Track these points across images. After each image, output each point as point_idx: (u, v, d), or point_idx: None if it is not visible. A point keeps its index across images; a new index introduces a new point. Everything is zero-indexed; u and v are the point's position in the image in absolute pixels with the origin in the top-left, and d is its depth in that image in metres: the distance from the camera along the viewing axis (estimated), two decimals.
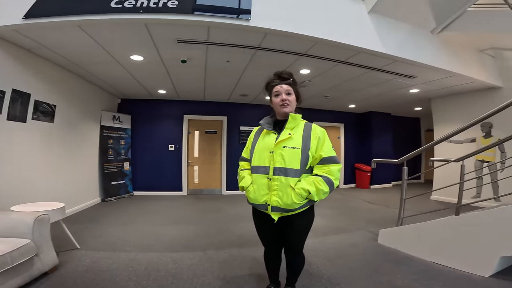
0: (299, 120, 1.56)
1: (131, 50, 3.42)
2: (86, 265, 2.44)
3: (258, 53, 3.49)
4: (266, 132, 1.60)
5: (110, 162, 5.64)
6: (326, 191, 1.44)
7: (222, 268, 2.42)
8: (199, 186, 6.74)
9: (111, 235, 3.30)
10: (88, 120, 5.02)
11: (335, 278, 2.22)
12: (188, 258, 2.64)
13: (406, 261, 2.55)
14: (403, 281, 2.13)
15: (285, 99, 1.54)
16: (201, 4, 2.67)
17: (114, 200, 5.51)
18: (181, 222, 4.00)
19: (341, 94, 5.77)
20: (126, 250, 2.84)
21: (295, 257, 1.71)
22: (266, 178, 1.49)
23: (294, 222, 1.53)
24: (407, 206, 3.13)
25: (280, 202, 1.44)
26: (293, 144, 1.48)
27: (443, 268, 2.36)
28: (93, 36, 2.95)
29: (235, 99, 6.48)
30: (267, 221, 1.53)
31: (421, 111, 7.79)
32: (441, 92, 5.30)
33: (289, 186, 1.43)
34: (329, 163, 1.48)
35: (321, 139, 1.50)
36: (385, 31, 3.36)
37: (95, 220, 4.01)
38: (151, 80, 4.84)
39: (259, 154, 1.57)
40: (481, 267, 2.21)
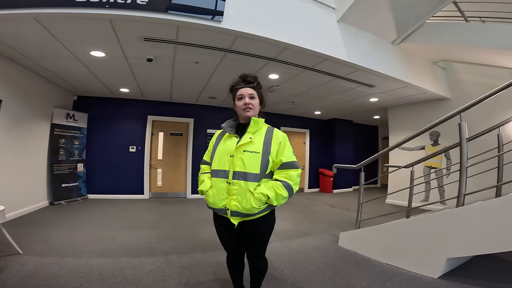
0: (261, 125, 1.56)
1: (92, 45, 3.21)
2: (30, 270, 2.27)
3: (228, 56, 3.48)
4: (228, 135, 1.57)
5: (61, 163, 5.18)
6: (285, 196, 1.44)
7: (185, 273, 2.35)
8: (163, 189, 6.48)
9: (59, 240, 3.08)
10: (37, 117, 4.58)
11: (299, 282, 2.26)
12: (147, 263, 2.53)
13: (364, 264, 2.65)
14: (362, 284, 2.22)
15: (248, 103, 1.52)
16: (176, 3, 2.58)
17: (65, 204, 5.07)
18: (141, 227, 3.80)
19: (307, 100, 5.97)
20: (76, 255, 2.66)
21: (257, 262, 1.70)
22: (226, 182, 1.46)
23: (255, 227, 1.52)
24: (364, 210, 3.32)
25: (240, 206, 1.42)
26: (254, 148, 1.47)
27: (397, 270, 2.48)
28: (50, 30, 2.73)
29: (203, 101, 6.38)
30: (228, 226, 1.50)
31: (379, 119, 8.35)
32: (397, 101, 5.74)
33: (249, 190, 1.42)
34: (289, 168, 1.49)
35: (282, 144, 1.51)
36: (351, 40, 3.54)
37: (41, 224, 3.71)
38: (113, 78, 4.57)
39: (219, 158, 1.53)
40: (430, 269, 2.33)
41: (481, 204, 2.09)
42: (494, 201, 2.05)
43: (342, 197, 7.22)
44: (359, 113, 7.36)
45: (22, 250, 2.62)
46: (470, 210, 2.13)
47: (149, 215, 4.55)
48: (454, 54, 4.68)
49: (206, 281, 2.24)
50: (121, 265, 2.47)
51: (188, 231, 3.64)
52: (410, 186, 3.22)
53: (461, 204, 2.21)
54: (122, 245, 3.00)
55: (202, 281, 2.24)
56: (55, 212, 4.45)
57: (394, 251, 2.63)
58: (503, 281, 2.18)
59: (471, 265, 2.51)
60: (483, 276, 2.28)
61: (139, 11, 2.44)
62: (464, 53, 4.47)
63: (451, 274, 2.33)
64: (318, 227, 4.07)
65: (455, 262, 2.43)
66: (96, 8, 2.39)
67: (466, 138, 2.28)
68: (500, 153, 2.51)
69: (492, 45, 3.61)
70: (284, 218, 4.57)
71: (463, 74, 4.97)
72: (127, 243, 3.07)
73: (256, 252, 1.65)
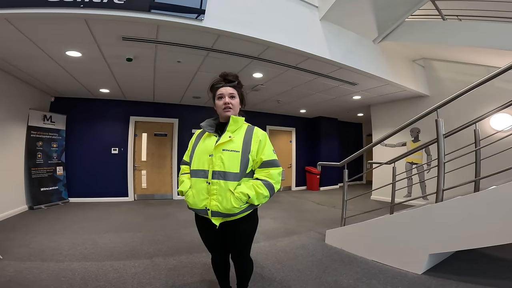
0: (241, 123, 1.54)
1: (67, 45, 3.08)
2: (9, 275, 2.23)
3: (211, 55, 3.44)
4: (207, 134, 1.55)
5: (39, 166, 5.00)
6: (266, 195, 1.43)
7: (171, 276, 2.32)
8: (148, 191, 6.35)
9: (39, 244, 3.02)
10: (12, 120, 4.38)
11: (286, 281, 2.25)
12: (132, 266, 2.50)
13: (350, 261, 2.67)
14: (348, 281, 2.24)
15: (228, 102, 1.50)
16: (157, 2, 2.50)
17: (45, 208, 4.91)
18: (125, 229, 3.72)
19: (292, 99, 6.00)
20: (58, 260, 2.62)
21: (242, 262, 1.68)
22: (205, 182, 1.44)
23: (237, 227, 1.50)
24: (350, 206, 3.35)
25: (220, 206, 1.39)
26: (233, 147, 1.44)
27: (382, 266, 2.49)
28: (22, 30, 2.61)
29: (187, 101, 6.28)
30: (210, 227, 1.48)
31: (363, 117, 8.50)
32: (379, 99, 5.86)
33: (229, 190, 1.39)
34: (270, 166, 1.48)
35: (262, 142, 1.49)
36: (334, 39, 3.57)
37: (20, 229, 3.62)
38: (92, 78, 4.41)
39: (198, 157, 1.51)
40: (414, 265, 2.34)
41: (459, 199, 2.10)
42: (473, 196, 2.06)
43: (328, 195, 7.31)
44: (343, 111, 7.47)
45: (1, 255, 2.58)
46: (448, 206, 2.15)
47: (133, 218, 4.45)
48: (432, 52, 4.82)
49: (193, 282, 2.22)
50: (105, 268, 2.43)
51: (174, 233, 3.59)
52: (392, 182, 3.27)
53: (440, 199, 2.24)
54: (105, 249, 2.94)
55: (189, 282, 2.21)
56: (35, 216, 4.33)
57: (379, 248, 2.65)
58: (486, 276, 2.21)
59: (455, 261, 2.54)
60: (467, 271, 2.31)
61: (116, 10, 2.36)
62: (442, 51, 4.60)
63: (435, 269, 2.36)
64: (305, 225, 4.09)
65: (438, 257, 2.45)
66: (70, 8, 2.29)
67: (443, 134, 2.34)
68: (477, 148, 2.60)
69: (468, 43, 3.73)
70: (271, 217, 4.57)
71: (441, 72, 5.12)
72: (110, 247, 3.01)
73: (240, 252, 1.64)
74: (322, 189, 8.24)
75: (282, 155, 8.15)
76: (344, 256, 2.80)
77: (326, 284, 2.20)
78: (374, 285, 2.15)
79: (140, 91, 5.39)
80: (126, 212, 4.90)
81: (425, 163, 5.34)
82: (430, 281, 2.16)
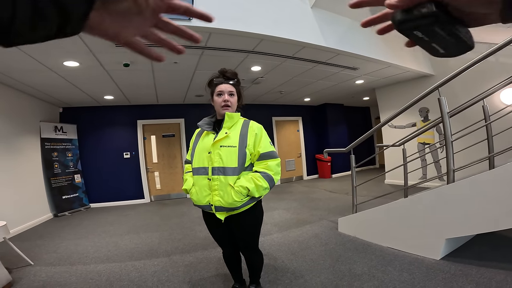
0: (236, 119, 1.56)
1: (63, 56, 3.13)
2: (43, 280, 2.38)
3: (206, 53, 3.43)
4: (206, 133, 1.59)
5: (58, 176, 5.22)
6: (265, 186, 1.45)
7: (188, 272, 2.41)
8: (163, 191, 6.52)
9: (66, 249, 3.19)
10: (25, 134, 4.57)
11: (299, 271, 2.27)
12: (152, 265, 2.61)
13: (364, 248, 2.63)
14: (362, 269, 2.21)
15: (227, 100, 1.53)
16: None
17: (68, 215, 5.16)
18: (144, 230, 3.86)
19: (294, 88, 5.93)
20: (85, 262, 2.76)
21: (250, 254, 1.72)
22: (207, 179, 1.48)
23: (241, 220, 1.54)
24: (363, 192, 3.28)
25: (222, 201, 1.44)
26: (230, 142, 1.48)
27: (398, 253, 2.43)
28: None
29: (191, 100, 6.33)
30: (216, 222, 1.53)
31: (369, 100, 8.31)
32: (383, 82, 5.71)
33: (229, 185, 1.43)
34: (267, 158, 1.51)
35: (258, 135, 1.51)
36: (327, 25, 3.48)
37: (47, 235, 3.83)
38: (94, 86, 4.50)
39: (198, 156, 1.55)
40: (431, 250, 2.24)
41: (472, 179, 1.97)
42: (487, 174, 1.92)
43: (341, 181, 7.24)
44: (348, 96, 7.32)
45: (33, 261, 2.75)
46: (461, 186, 2.03)
47: (151, 219, 4.60)
48: None
49: (209, 277, 2.29)
50: (127, 268, 2.56)
51: (189, 230, 3.69)
52: (403, 164, 3.21)
53: (451, 180, 2.15)
54: (126, 250, 3.09)
55: (205, 277, 2.29)
56: (60, 223, 4.57)
57: (393, 234, 2.57)
58: (508, 261, 2.08)
59: (474, 244, 2.43)
60: (487, 255, 2.19)
61: None
62: None
63: (454, 254, 2.26)
64: (318, 214, 4.08)
65: (457, 242, 2.34)
66: None
67: (447, 112, 2.27)
68: (487, 123, 2.50)
69: None
70: (283, 208, 4.60)
71: None
72: (131, 247, 3.16)
73: (247, 245, 1.68)
74: (334, 176, 8.18)
75: (291, 145, 8.11)
76: (357, 244, 2.76)
77: (340, 272, 2.19)
78: (390, 272, 2.11)
79: (143, 95, 5.47)
80: (144, 213, 5.07)
81: (437, 142, 5.17)
82: (449, 267, 2.07)
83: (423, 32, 0.36)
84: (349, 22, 3.74)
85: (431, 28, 0.35)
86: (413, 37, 0.38)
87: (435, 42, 0.37)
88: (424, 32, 0.36)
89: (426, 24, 0.35)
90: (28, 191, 4.46)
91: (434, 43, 0.38)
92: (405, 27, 0.37)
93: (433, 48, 0.39)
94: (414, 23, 0.35)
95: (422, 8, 0.34)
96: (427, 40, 0.37)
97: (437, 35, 0.36)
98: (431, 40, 0.37)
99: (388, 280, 1.99)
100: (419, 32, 0.36)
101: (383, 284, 1.95)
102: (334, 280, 2.08)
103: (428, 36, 0.36)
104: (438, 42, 0.37)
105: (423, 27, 0.35)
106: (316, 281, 2.09)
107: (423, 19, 0.34)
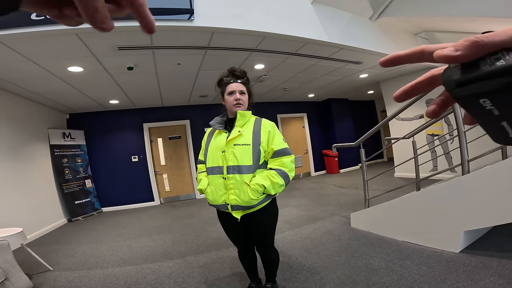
0: (248, 117, 1.56)
1: (67, 61, 3.15)
2: (63, 285, 2.41)
3: (209, 53, 3.43)
4: (218, 132, 1.59)
5: (69, 181, 5.29)
6: (281, 183, 1.45)
7: (203, 273, 2.41)
8: (172, 193, 6.56)
9: (83, 254, 3.24)
10: (34, 141, 4.63)
11: (315, 268, 2.25)
12: (167, 267, 2.63)
13: (379, 243, 2.59)
14: (379, 264, 2.17)
15: (239, 99, 1.53)
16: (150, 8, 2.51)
17: (82, 219, 5.24)
18: (156, 232, 3.90)
19: (298, 85, 5.89)
20: (102, 266, 2.79)
21: (266, 253, 1.72)
22: (222, 178, 1.48)
23: (257, 219, 1.54)
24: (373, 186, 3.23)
25: (239, 200, 1.43)
26: (244, 141, 1.47)
27: (415, 247, 2.39)
28: (19, 50, 2.68)
29: (195, 101, 6.34)
30: (232, 221, 1.53)
31: (374, 94, 8.24)
32: (387, 74, 5.65)
33: (244, 183, 1.43)
34: (282, 155, 1.50)
35: (271, 132, 1.51)
36: (328, 21, 3.45)
37: (63, 240, 3.90)
38: (99, 91, 4.53)
39: (212, 155, 1.55)
40: (449, 243, 2.20)
41: (487, 169, 1.92)
42: (501, 163, 1.87)
43: (349, 176, 7.18)
44: (352, 90, 7.25)
45: (52, 267, 2.78)
46: (476, 177, 1.98)
47: (162, 221, 4.64)
48: (433, 24, 4.57)
49: (224, 276, 2.30)
50: (143, 271, 2.58)
51: (201, 231, 3.70)
52: (414, 157, 3.16)
53: (466, 171, 2.10)
54: (141, 252, 3.12)
55: (221, 277, 2.29)
56: (75, 228, 4.65)
57: (408, 227, 2.52)
58: None
59: (494, 236, 2.36)
60: (508, 247, 2.12)
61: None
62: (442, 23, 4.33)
63: (473, 247, 2.20)
64: (329, 210, 4.04)
65: (476, 234, 2.29)
66: (56, 25, 2.30)
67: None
68: None
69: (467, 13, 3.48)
70: (293, 205, 4.58)
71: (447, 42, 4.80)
72: (145, 250, 3.18)
73: (263, 243, 1.67)
74: (342, 171, 8.12)
75: (297, 142, 8.08)
76: (372, 238, 2.72)
77: (356, 268, 2.16)
78: (408, 266, 2.07)
79: (148, 98, 5.50)
80: (155, 215, 5.11)
81: (446, 133, 5.09)
82: (469, 259, 2.02)
83: (494, 101, 0.23)
84: (350, 16, 3.71)
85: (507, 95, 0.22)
86: (475, 109, 0.24)
87: (507, 119, 0.24)
88: (495, 101, 0.23)
89: (503, 89, 0.22)
90: (41, 197, 4.54)
91: (506, 120, 0.24)
92: (467, 92, 0.23)
93: (501, 129, 0.25)
94: (483, 86, 0.22)
95: (498, 61, 0.22)
96: (496, 115, 0.24)
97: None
98: (503, 115, 0.23)
99: (408, 274, 1.96)
100: (488, 102, 0.23)
101: (402, 278, 1.92)
102: (351, 276, 2.05)
103: (500, 108, 0.23)
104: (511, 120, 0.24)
105: (496, 94, 0.22)
106: (333, 277, 2.07)
107: (499, 78, 0.21)
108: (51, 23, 2.30)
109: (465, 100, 0.24)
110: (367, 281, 1.95)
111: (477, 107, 0.24)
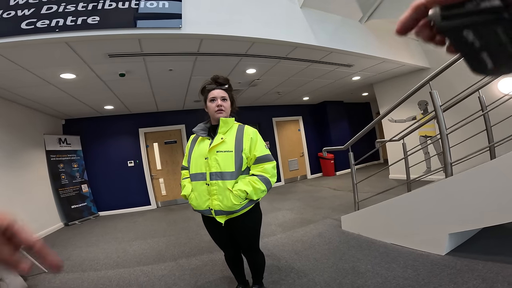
0: (231, 124, 1.59)
1: (59, 69, 3.18)
2: (57, 287, 2.48)
3: (200, 59, 3.46)
4: (201, 139, 1.62)
5: (65, 186, 5.32)
6: (263, 189, 1.48)
7: (194, 275, 2.45)
8: (168, 197, 6.57)
9: (78, 257, 3.29)
10: (30, 147, 4.66)
11: (303, 271, 2.27)
12: (159, 269, 2.67)
13: (368, 245, 2.61)
14: (366, 267, 2.20)
15: (221, 105, 1.56)
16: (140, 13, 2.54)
17: (79, 223, 5.27)
18: (151, 236, 3.92)
19: (292, 88, 5.93)
20: (96, 269, 2.84)
21: (252, 256, 1.75)
22: (205, 184, 1.51)
23: (241, 223, 1.56)
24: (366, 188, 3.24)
25: (222, 205, 1.46)
26: (226, 147, 1.50)
27: (402, 249, 2.40)
28: (11, 58, 2.71)
29: (190, 106, 6.37)
30: (216, 226, 1.56)
31: (369, 96, 8.26)
32: (380, 76, 5.68)
33: (227, 189, 1.45)
34: (264, 161, 1.53)
35: (253, 139, 1.54)
36: (317, 25, 3.48)
37: (60, 244, 3.95)
38: (93, 97, 4.56)
39: (195, 161, 1.58)
40: (435, 246, 2.20)
41: (471, 171, 1.90)
42: (487, 165, 1.85)
43: (345, 179, 7.17)
44: (346, 92, 7.29)
45: (46, 269, 2.79)
46: (460, 179, 1.98)
47: (158, 224, 4.66)
48: None
49: (214, 279, 2.33)
50: (136, 273, 2.63)
51: (195, 234, 3.72)
52: (403, 157, 3.19)
53: (449, 174, 2.11)
54: (134, 255, 3.16)
55: (211, 280, 2.33)
56: (71, 232, 4.68)
57: (396, 230, 2.53)
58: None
59: (481, 238, 2.35)
60: (495, 249, 2.12)
61: (92, 31, 2.40)
62: None
63: (460, 249, 2.21)
64: (322, 213, 4.05)
65: (462, 236, 2.29)
66: (46, 33, 2.33)
67: (439, 105, 2.25)
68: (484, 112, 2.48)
69: None
70: (287, 208, 4.59)
71: None
72: (139, 253, 3.22)
73: (248, 247, 1.70)
74: (338, 174, 8.14)
75: (292, 145, 8.10)
76: (361, 241, 2.74)
77: (343, 271, 2.18)
78: (394, 269, 2.08)
79: (142, 103, 5.53)
80: (151, 219, 5.13)
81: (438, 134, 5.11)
82: (454, 262, 2.03)
83: (477, 33, 0.27)
84: (340, 20, 3.74)
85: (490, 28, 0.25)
86: (458, 41, 0.28)
87: (488, 50, 0.27)
88: (477, 33, 0.26)
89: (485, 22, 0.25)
90: (38, 202, 4.58)
91: (485, 51, 0.27)
92: (453, 24, 0.27)
93: (480, 60, 0.28)
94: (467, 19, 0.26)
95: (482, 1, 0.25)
96: (477, 47, 0.27)
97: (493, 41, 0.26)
98: (484, 46, 0.27)
99: (392, 277, 1.97)
100: (470, 33, 0.27)
101: (386, 281, 1.94)
102: (337, 278, 2.07)
103: (481, 40, 0.27)
104: (491, 52, 0.27)
105: (479, 26, 0.26)
106: (320, 280, 2.09)
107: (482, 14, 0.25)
108: (41, 31, 2.33)
109: (450, 32, 0.28)
110: (352, 284, 1.97)
111: (460, 39, 0.28)
